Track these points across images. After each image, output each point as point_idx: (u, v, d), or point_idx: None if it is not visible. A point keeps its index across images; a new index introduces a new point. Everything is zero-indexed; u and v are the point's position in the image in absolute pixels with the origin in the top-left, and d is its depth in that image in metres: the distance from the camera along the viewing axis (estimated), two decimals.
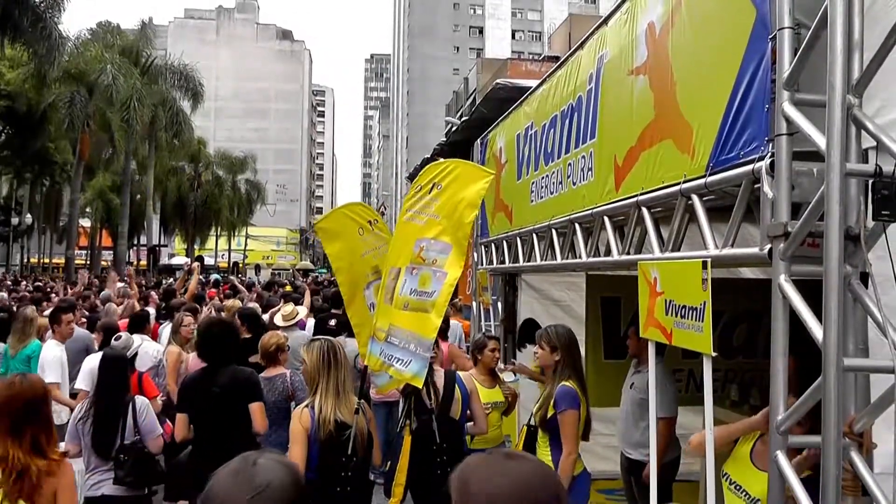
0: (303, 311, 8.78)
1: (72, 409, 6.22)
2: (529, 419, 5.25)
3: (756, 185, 2.99)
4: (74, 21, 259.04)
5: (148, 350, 7.65)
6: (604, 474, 7.61)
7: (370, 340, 4.98)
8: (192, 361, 7.76)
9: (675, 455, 5.74)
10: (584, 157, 4.80)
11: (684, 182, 3.50)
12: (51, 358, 7.33)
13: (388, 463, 5.18)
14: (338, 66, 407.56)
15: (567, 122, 5.11)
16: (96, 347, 7.62)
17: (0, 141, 43.58)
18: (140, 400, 5.36)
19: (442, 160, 5.18)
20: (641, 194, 3.95)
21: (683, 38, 3.57)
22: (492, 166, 7.15)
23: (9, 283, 26.35)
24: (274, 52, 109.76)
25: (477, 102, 19.70)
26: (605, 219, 4.49)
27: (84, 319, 9.62)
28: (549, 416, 4.87)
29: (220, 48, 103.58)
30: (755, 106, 3.00)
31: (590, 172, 4.72)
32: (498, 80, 12.90)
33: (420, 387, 4.98)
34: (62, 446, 4.50)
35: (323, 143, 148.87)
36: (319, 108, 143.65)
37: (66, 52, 35.69)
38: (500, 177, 6.77)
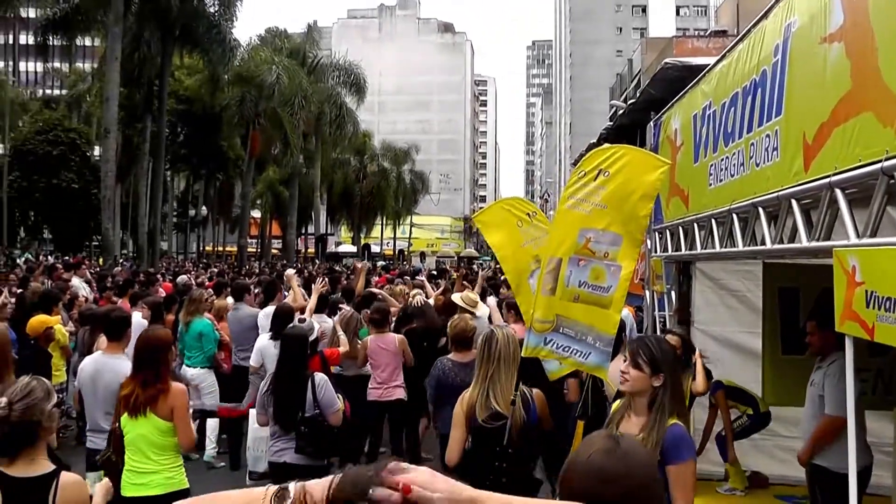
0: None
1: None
2: None
3: None
4: (245, 30, 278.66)
5: (326, 331, 8.17)
6: (783, 479, 7.13)
7: (527, 332, 4.88)
8: (372, 345, 7.99)
9: (866, 464, 5.21)
10: (768, 135, 4.44)
11: (886, 159, 3.14)
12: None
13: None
14: (499, 55, 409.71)
15: (749, 98, 4.74)
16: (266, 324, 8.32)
17: (179, 141, 46.97)
18: (318, 376, 5.68)
19: (608, 145, 4.97)
20: (835, 174, 3.59)
21: None
22: (666, 149, 6.83)
23: (189, 266, 28.82)
24: (436, 46, 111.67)
25: (643, 84, 19.13)
26: (793, 202, 4.13)
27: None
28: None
29: (383, 45, 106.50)
30: None
31: (775, 152, 4.36)
32: (666, 60, 12.39)
33: (605, 379, 4.87)
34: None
35: (485, 131, 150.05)
36: (482, 98, 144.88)
37: (237, 56, 38.27)
38: (675, 160, 6.44)
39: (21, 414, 3.15)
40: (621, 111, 18.84)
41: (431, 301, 10.12)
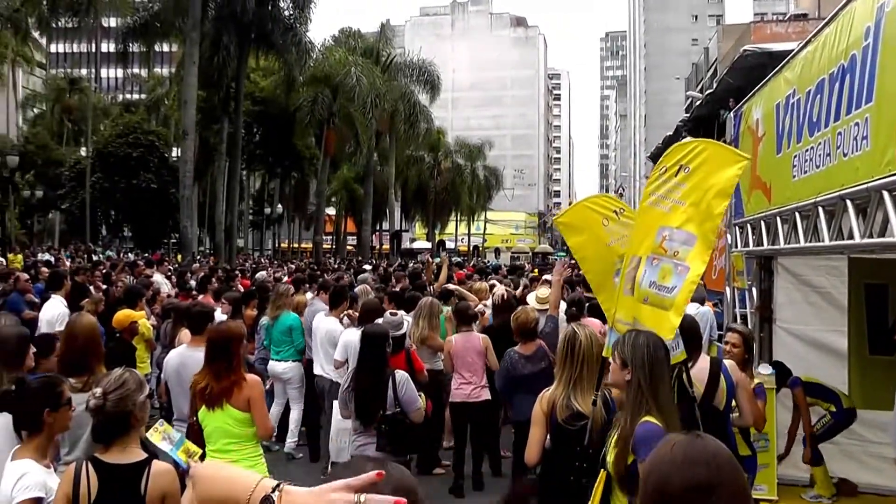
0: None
1: None
2: (603, 459, 3.71)
3: None
4: (318, 30, 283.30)
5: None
6: (873, 488, 6.78)
7: (609, 331, 4.76)
8: (457, 344, 7.93)
9: None
10: (857, 123, 4.24)
11: None
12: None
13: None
14: (572, 48, 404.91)
15: (837, 85, 4.53)
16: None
17: (254, 141, 48.10)
18: (399, 374, 5.69)
19: (689, 139, 4.79)
20: None
21: None
22: (747, 140, 6.60)
23: (265, 262, 29.75)
24: (508, 41, 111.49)
25: (719, 73, 18.63)
26: (884, 193, 3.93)
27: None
28: (629, 463, 3.46)
29: (456, 41, 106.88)
30: None
31: (865, 141, 4.16)
32: (745, 47, 12.00)
33: None
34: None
35: (559, 126, 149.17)
36: (555, 92, 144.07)
37: (312, 57, 38.95)
38: (756, 151, 6.22)
39: (115, 404, 3.35)
40: (698, 102, 18.36)
41: None
